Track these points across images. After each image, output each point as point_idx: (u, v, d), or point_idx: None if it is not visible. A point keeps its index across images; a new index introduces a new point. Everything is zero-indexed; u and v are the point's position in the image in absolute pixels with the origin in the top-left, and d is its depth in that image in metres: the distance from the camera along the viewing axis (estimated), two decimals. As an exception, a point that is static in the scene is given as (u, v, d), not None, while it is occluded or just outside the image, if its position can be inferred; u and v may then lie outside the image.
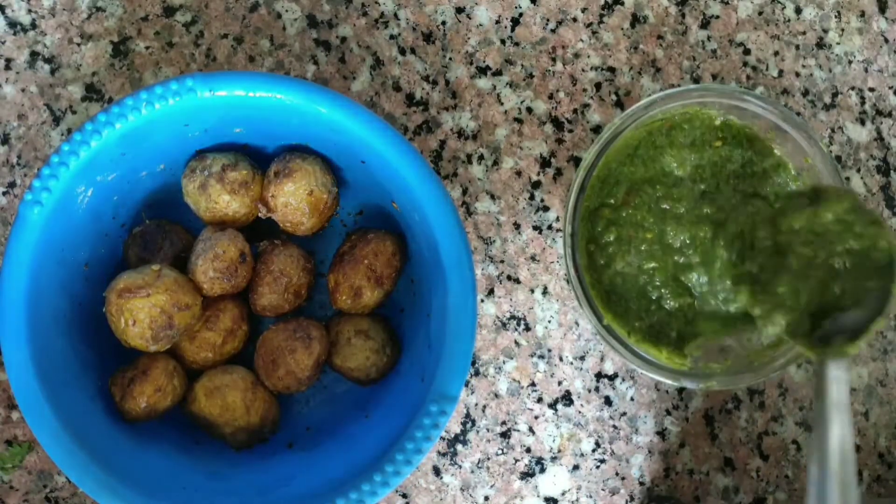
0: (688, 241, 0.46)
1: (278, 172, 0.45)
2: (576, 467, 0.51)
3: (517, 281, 0.52)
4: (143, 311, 0.42)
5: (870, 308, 0.37)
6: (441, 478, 0.51)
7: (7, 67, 0.51)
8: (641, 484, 0.52)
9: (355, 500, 0.41)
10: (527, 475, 0.51)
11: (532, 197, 0.53)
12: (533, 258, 0.52)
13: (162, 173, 0.46)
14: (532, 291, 0.52)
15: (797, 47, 0.55)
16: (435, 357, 0.43)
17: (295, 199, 0.45)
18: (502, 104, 0.53)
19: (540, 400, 0.52)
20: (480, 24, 0.53)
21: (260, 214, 0.46)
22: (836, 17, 0.55)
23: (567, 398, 0.52)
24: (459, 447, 0.51)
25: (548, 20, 0.54)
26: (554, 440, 0.51)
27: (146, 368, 0.44)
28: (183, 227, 0.47)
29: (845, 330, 0.37)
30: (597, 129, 0.53)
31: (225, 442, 0.45)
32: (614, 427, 0.52)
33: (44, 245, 0.41)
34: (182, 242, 0.46)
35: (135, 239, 0.46)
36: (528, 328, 0.52)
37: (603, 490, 0.52)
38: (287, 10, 0.52)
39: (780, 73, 0.54)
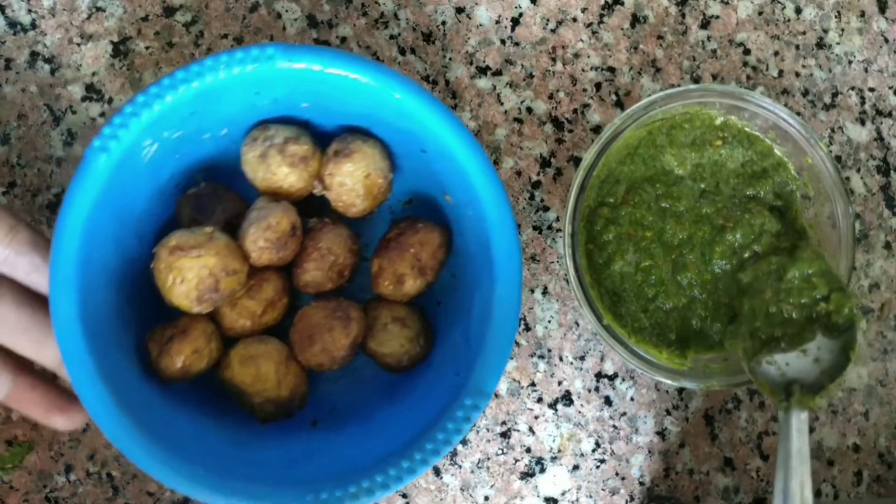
0: (685, 239, 0.46)
1: (338, 152, 0.45)
2: (576, 467, 0.51)
3: (517, 281, 0.52)
4: (191, 270, 0.42)
5: (830, 367, 0.42)
6: (441, 478, 0.51)
7: (7, 67, 0.51)
8: (641, 484, 0.52)
9: (380, 484, 0.41)
10: (527, 475, 0.51)
11: (532, 197, 0.53)
12: (533, 258, 0.52)
13: (223, 138, 0.46)
14: (532, 291, 0.52)
15: (797, 47, 0.55)
16: (473, 352, 0.43)
17: (351, 179, 0.45)
18: (502, 104, 0.53)
19: (540, 400, 0.52)
20: (480, 24, 0.53)
21: (315, 191, 0.46)
22: (836, 17, 0.55)
23: (567, 398, 0.52)
24: (459, 447, 0.51)
25: (548, 20, 0.54)
26: (554, 440, 0.51)
27: (186, 328, 0.44)
28: (237, 194, 0.48)
29: (804, 383, 0.41)
30: (597, 129, 0.53)
31: (252, 412, 0.45)
32: (614, 427, 0.52)
33: (104, 193, 0.41)
34: (235, 209, 0.46)
35: (189, 200, 0.46)
36: (528, 328, 0.52)
37: (603, 490, 0.52)
38: (287, 10, 0.52)
39: (780, 73, 0.55)
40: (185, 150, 0.45)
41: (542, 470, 0.51)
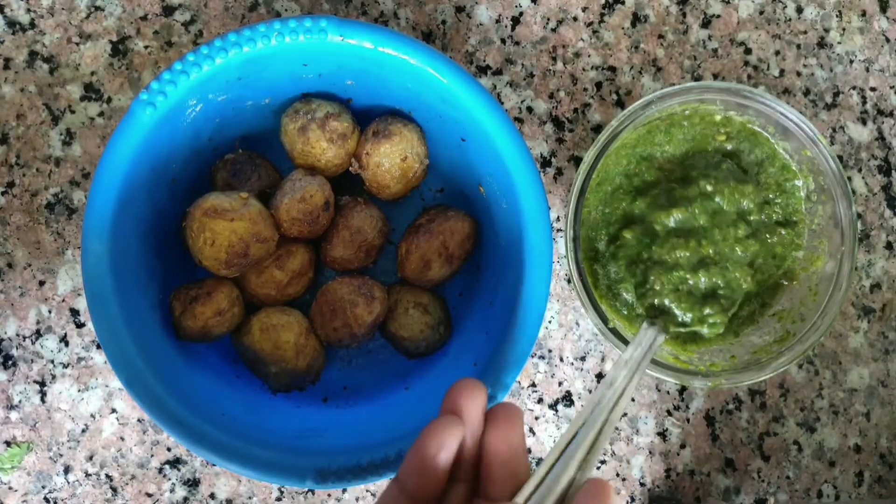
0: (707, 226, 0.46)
1: (377, 132, 0.46)
2: (576, 468, 0.51)
3: (517, 281, 0.52)
4: (223, 233, 0.42)
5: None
6: (441, 479, 0.51)
7: (6, 67, 0.51)
8: (642, 485, 0.52)
9: (391, 463, 0.41)
10: (527, 476, 0.51)
11: (532, 197, 0.53)
12: (533, 258, 0.52)
13: (265, 108, 0.47)
14: (532, 292, 0.52)
15: (798, 47, 0.55)
16: (494, 344, 0.43)
17: (388, 161, 0.46)
18: (503, 104, 0.53)
19: (540, 401, 0.52)
20: (481, 24, 0.53)
21: (351, 169, 0.47)
22: (837, 16, 0.55)
23: (568, 399, 0.52)
24: (459, 448, 0.51)
25: (548, 19, 0.53)
26: (555, 441, 0.51)
27: (211, 290, 0.44)
28: (272, 164, 0.48)
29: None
30: (597, 129, 0.53)
31: (265, 381, 0.46)
32: (615, 428, 0.52)
33: (145, 146, 0.42)
34: (269, 179, 0.47)
35: (226, 164, 0.47)
36: (528, 328, 0.52)
37: (603, 491, 0.51)
38: (287, 10, 0.52)
39: (782, 72, 0.54)
40: (227, 114, 0.46)
41: (543, 471, 0.51)
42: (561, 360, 0.52)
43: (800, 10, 0.55)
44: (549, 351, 0.52)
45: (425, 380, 0.47)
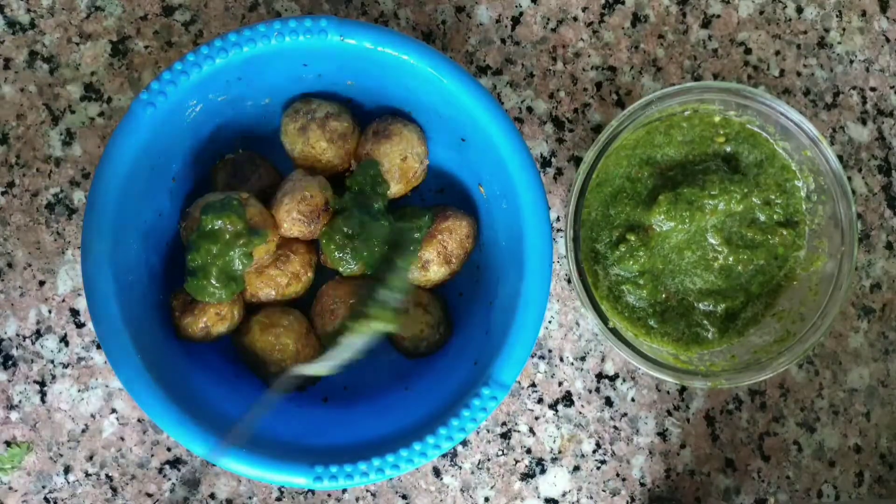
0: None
1: (377, 132, 0.46)
2: (576, 468, 0.51)
3: (517, 281, 0.52)
4: None
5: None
6: (441, 479, 0.51)
7: (6, 67, 0.51)
8: (642, 485, 0.52)
9: (391, 464, 0.42)
10: (527, 476, 0.51)
11: (532, 197, 0.53)
12: (533, 258, 0.52)
13: (265, 108, 0.47)
14: (532, 292, 0.52)
15: (798, 47, 0.55)
16: (494, 344, 0.43)
17: (388, 161, 0.46)
18: (503, 103, 0.53)
19: (540, 401, 0.52)
20: (481, 24, 0.53)
21: (351, 168, 0.47)
22: (837, 16, 0.55)
23: (567, 399, 0.52)
24: (459, 448, 0.51)
25: (548, 19, 0.53)
26: (554, 441, 0.51)
27: None
28: (272, 164, 0.48)
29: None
30: (597, 129, 0.53)
31: (265, 381, 0.46)
32: (615, 428, 0.52)
33: (145, 146, 0.42)
34: (269, 178, 0.47)
35: (226, 165, 0.47)
36: (528, 328, 0.52)
37: (604, 491, 0.51)
38: (287, 10, 0.52)
39: (782, 72, 0.54)
40: (227, 115, 0.46)
41: (543, 471, 0.51)
42: (561, 360, 0.52)
43: (800, 10, 0.55)
44: (549, 351, 0.52)
45: (425, 380, 0.47)
